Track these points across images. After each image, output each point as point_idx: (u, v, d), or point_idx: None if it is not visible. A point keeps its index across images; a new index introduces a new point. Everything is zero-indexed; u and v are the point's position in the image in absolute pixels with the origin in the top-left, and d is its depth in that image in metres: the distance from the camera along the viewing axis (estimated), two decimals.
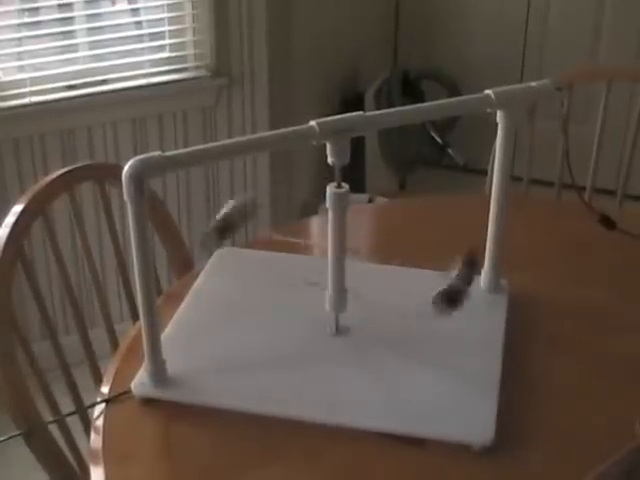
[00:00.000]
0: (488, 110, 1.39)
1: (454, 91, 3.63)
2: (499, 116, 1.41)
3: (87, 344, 1.66)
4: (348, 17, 3.57)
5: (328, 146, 1.28)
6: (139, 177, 1.18)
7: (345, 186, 1.31)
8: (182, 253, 1.87)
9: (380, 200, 3.39)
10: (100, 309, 1.71)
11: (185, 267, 1.84)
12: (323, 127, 1.26)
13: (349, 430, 1.25)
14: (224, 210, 1.44)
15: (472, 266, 1.36)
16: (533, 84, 1.40)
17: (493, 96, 1.36)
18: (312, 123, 1.26)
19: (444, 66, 3.78)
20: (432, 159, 3.71)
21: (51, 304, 2.68)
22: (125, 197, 1.20)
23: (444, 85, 3.67)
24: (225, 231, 1.42)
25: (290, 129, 1.28)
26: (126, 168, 1.19)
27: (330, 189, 1.30)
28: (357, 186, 3.43)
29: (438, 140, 3.57)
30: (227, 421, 1.27)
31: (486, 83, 1.46)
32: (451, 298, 1.31)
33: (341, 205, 1.31)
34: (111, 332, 1.71)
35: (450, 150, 3.59)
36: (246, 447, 1.24)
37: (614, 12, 3.61)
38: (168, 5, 2.81)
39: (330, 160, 1.28)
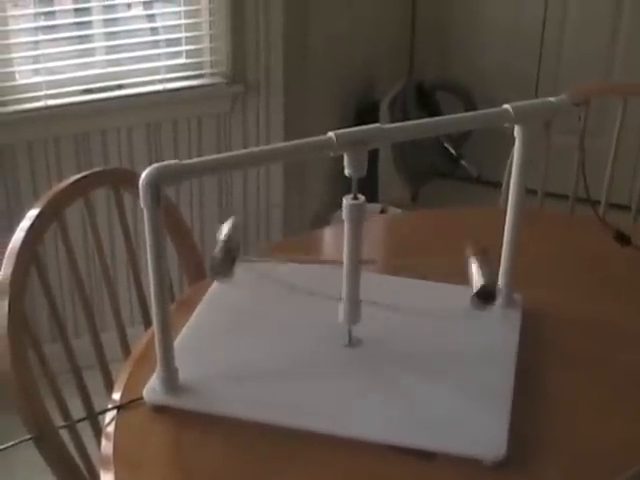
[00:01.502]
0: (506, 125, 1.39)
1: (469, 102, 3.63)
2: (516, 130, 1.40)
3: (98, 347, 1.66)
4: (364, 26, 3.58)
5: (346, 158, 1.27)
6: (156, 185, 1.18)
7: (362, 198, 1.30)
8: (195, 258, 1.87)
9: (393, 211, 3.39)
10: (112, 313, 1.71)
11: (197, 272, 1.84)
12: (341, 138, 1.26)
13: (359, 442, 1.24)
14: (222, 234, 1.42)
15: (488, 259, 1.37)
16: (551, 99, 1.40)
17: (511, 111, 1.36)
18: (330, 134, 1.26)
19: (459, 76, 3.78)
20: (445, 170, 3.71)
21: (62, 307, 2.68)
22: (142, 204, 1.19)
23: (459, 96, 3.67)
24: (231, 254, 1.41)
25: (308, 140, 1.27)
26: (143, 176, 1.18)
27: (346, 200, 1.30)
28: (370, 196, 3.43)
29: (452, 151, 3.57)
30: (238, 430, 1.27)
31: (501, 94, 1.46)
32: (488, 294, 1.31)
33: (357, 217, 1.31)
34: (122, 336, 1.71)
35: (463, 162, 3.59)
36: (256, 457, 1.24)
37: (631, 21, 3.61)
38: (185, 12, 2.81)
39: (347, 172, 1.28)
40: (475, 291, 1.31)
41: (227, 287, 1.57)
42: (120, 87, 2.76)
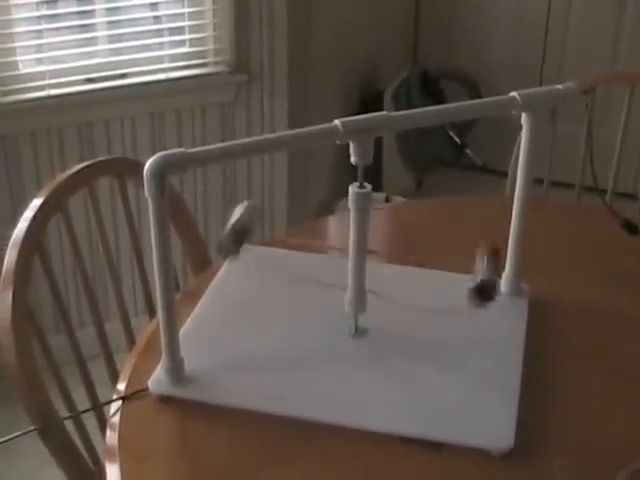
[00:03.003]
0: (513, 112, 1.38)
1: (474, 91, 3.62)
2: (524, 118, 1.39)
3: (102, 336, 1.65)
4: (368, 14, 3.56)
5: (352, 146, 1.26)
6: (161, 174, 1.17)
7: (368, 186, 1.30)
8: (199, 248, 1.86)
9: (397, 199, 3.38)
10: (116, 303, 1.70)
11: (202, 262, 1.84)
12: (347, 126, 1.25)
13: (366, 432, 1.24)
14: (234, 216, 1.42)
15: (497, 257, 1.35)
16: (559, 86, 1.38)
17: (519, 98, 1.35)
18: (336, 122, 1.25)
19: (464, 65, 3.76)
20: (450, 159, 3.70)
21: (66, 297, 2.68)
22: (146, 194, 1.18)
23: (464, 84, 3.65)
24: (239, 236, 1.41)
25: (314, 127, 1.26)
26: (147, 165, 1.18)
27: (352, 189, 1.29)
28: (374, 185, 3.42)
29: (456, 140, 3.56)
30: (243, 420, 1.26)
31: (506, 83, 1.45)
32: (485, 291, 1.30)
33: (363, 205, 1.30)
34: (127, 326, 1.70)
35: (468, 150, 3.57)
36: (262, 447, 1.23)
37: (635, 11, 3.59)
38: (188, 0, 2.80)
39: (353, 160, 1.27)
40: (471, 287, 1.30)
41: (232, 277, 1.56)
42: (123, 76, 2.75)
